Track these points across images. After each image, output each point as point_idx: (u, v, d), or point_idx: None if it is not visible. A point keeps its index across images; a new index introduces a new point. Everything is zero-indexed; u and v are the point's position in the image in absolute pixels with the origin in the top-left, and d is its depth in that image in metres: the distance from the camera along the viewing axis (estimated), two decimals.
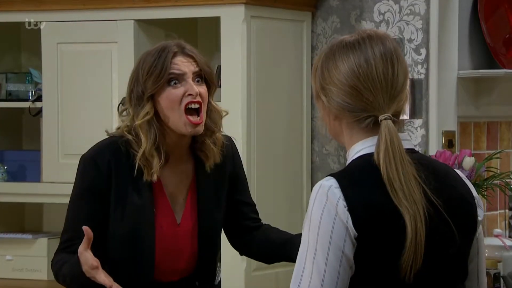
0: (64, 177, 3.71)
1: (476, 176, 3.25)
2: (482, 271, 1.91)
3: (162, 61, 2.39)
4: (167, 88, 2.39)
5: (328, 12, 3.84)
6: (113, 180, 2.40)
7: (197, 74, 2.42)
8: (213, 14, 3.58)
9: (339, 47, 1.85)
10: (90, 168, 2.42)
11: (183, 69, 2.40)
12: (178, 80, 2.40)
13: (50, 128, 3.75)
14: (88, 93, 3.70)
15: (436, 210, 1.80)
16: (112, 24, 3.66)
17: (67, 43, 3.72)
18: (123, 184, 2.40)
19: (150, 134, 2.39)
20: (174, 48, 2.42)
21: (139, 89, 2.41)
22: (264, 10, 3.62)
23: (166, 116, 2.40)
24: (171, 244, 2.43)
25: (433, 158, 2.15)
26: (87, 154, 2.46)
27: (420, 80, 3.69)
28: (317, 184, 1.81)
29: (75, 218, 2.41)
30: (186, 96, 2.39)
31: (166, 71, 2.38)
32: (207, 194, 2.47)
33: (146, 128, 2.39)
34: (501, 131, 4.07)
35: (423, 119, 3.69)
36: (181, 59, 2.42)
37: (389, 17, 3.74)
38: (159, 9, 3.63)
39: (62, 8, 3.71)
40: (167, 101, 2.39)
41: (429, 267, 1.79)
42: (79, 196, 2.43)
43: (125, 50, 3.64)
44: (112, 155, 2.41)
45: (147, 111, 2.39)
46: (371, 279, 1.78)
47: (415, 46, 3.70)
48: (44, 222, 4.10)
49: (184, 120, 2.38)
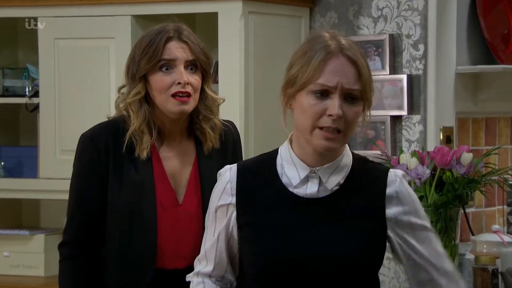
0: (61, 173, 3.71)
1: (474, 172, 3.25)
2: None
3: (156, 44, 2.41)
4: (158, 72, 2.41)
5: (326, 7, 3.83)
6: (111, 157, 2.41)
7: (190, 62, 2.43)
8: (211, 10, 3.57)
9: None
10: (87, 146, 2.44)
11: (175, 55, 2.41)
12: (169, 66, 2.41)
13: (47, 124, 3.74)
14: (85, 89, 3.69)
15: None
16: (110, 19, 3.65)
17: (64, 39, 3.71)
18: (121, 161, 2.42)
19: (140, 113, 2.41)
20: (170, 32, 2.43)
21: (134, 68, 2.44)
22: (262, 5, 3.61)
23: (154, 97, 2.42)
24: (173, 225, 2.42)
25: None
26: (85, 133, 2.48)
27: (418, 76, 3.69)
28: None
29: (78, 199, 2.44)
30: (175, 85, 2.40)
31: (158, 56, 2.40)
32: (210, 176, 2.44)
33: (137, 106, 2.42)
34: (499, 127, 4.07)
35: (421, 115, 3.68)
36: (175, 44, 2.42)
37: (387, 12, 3.73)
38: (157, 4, 3.62)
39: (59, 3, 3.70)
40: (157, 85, 2.41)
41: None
42: (78, 175, 2.45)
43: (122, 46, 3.63)
44: (110, 133, 2.43)
45: (138, 90, 2.42)
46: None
47: (413, 41, 3.69)
48: (41, 218, 4.09)
49: (171, 100, 2.40)
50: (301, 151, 2.06)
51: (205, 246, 2.15)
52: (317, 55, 2.01)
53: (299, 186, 2.05)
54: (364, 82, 2.02)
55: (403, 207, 2.07)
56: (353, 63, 2.01)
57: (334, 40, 2.03)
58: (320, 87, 2.00)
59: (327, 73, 2.00)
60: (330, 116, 1.99)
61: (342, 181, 2.05)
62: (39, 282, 3.82)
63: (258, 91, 3.60)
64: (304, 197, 2.04)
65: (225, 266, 2.13)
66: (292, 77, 2.05)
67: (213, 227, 2.13)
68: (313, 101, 2.01)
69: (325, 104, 2.00)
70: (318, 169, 2.04)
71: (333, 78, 2.00)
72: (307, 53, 2.03)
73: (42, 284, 3.80)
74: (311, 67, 2.01)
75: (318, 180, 2.04)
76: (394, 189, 2.07)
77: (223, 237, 2.12)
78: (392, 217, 2.06)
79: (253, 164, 2.14)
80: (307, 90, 2.02)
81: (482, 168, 3.31)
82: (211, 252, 2.13)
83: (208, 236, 2.15)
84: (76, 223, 2.45)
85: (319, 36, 2.05)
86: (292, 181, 2.05)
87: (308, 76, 2.01)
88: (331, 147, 2.02)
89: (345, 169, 2.06)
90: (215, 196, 2.14)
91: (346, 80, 2.00)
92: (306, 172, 2.04)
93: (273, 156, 2.11)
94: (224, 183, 2.12)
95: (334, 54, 2.01)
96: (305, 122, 2.02)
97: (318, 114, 2.00)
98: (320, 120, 2.00)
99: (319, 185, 2.04)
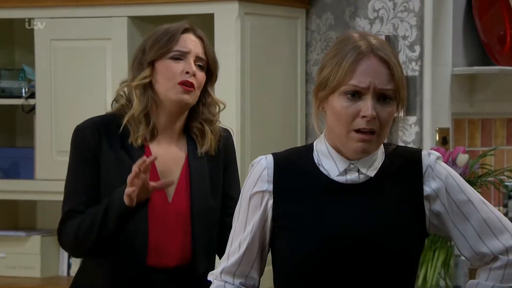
0: (58, 174, 3.69)
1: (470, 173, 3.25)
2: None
3: (171, 34, 2.42)
4: (168, 60, 2.42)
5: (322, 9, 3.84)
6: (104, 142, 2.42)
7: (199, 59, 2.44)
8: (207, 11, 3.57)
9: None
10: (79, 134, 2.45)
11: (189, 47, 2.43)
12: (180, 57, 2.42)
13: (44, 125, 3.74)
14: (82, 90, 3.69)
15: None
16: (106, 20, 3.65)
17: (60, 40, 3.71)
18: (113, 151, 2.42)
19: (143, 98, 2.42)
20: (187, 25, 2.46)
21: (143, 58, 2.44)
22: (258, 7, 3.61)
23: (158, 84, 2.42)
24: (162, 221, 2.41)
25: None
26: (79, 125, 2.49)
27: (414, 77, 3.69)
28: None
29: (72, 188, 2.44)
30: (183, 74, 2.41)
31: (172, 43, 2.41)
32: (200, 178, 2.46)
33: (141, 91, 2.42)
34: (495, 128, 4.07)
35: (417, 116, 3.68)
36: (190, 36, 2.44)
37: (383, 14, 3.74)
38: (153, 5, 3.62)
39: (56, 4, 3.70)
40: (165, 71, 2.42)
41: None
42: (73, 166, 2.46)
43: (118, 47, 3.63)
44: (103, 124, 2.44)
45: (145, 74, 2.43)
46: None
47: (409, 43, 3.70)
48: (38, 220, 4.09)
49: (177, 87, 2.40)
50: (338, 147, 2.04)
51: (238, 238, 2.05)
52: (348, 56, 1.98)
53: (339, 175, 2.03)
54: (397, 81, 1.99)
55: (439, 182, 2.05)
56: (385, 62, 1.99)
57: (364, 40, 2.01)
58: (353, 88, 1.98)
59: (359, 74, 1.98)
60: (364, 117, 1.97)
61: (379, 167, 2.05)
62: (36, 283, 3.81)
63: (254, 92, 3.61)
64: (345, 183, 2.02)
65: (253, 261, 2.07)
66: (324, 80, 2.01)
67: (245, 217, 2.05)
68: (346, 103, 1.98)
69: (358, 105, 1.98)
70: (356, 162, 2.03)
71: (365, 79, 1.97)
72: (338, 55, 2.00)
73: (39, 285, 3.80)
74: (342, 68, 1.98)
75: (357, 171, 2.03)
76: (429, 167, 2.06)
77: (257, 228, 2.04)
78: (431, 194, 2.05)
79: (289, 154, 2.10)
80: (339, 92, 1.99)
81: (478, 169, 3.31)
82: (244, 243, 2.05)
83: (238, 227, 2.06)
84: (75, 195, 2.43)
85: (349, 37, 2.03)
86: (331, 172, 2.03)
87: (339, 78, 1.98)
88: (366, 150, 1.99)
89: (380, 158, 2.05)
90: (250, 184, 2.05)
91: (378, 80, 1.98)
92: (345, 165, 2.03)
93: (309, 150, 2.08)
94: (260, 170, 2.04)
95: (365, 55, 1.99)
96: (339, 125, 2.00)
97: (351, 116, 1.98)
98: (354, 122, 1.98)
99: (358, 174, 2.03)
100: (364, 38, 2.02)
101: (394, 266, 2.01)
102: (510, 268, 2.05)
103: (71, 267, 3.86)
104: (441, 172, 2.07)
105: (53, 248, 3.89)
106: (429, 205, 2.06)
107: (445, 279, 3.24)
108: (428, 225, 2.07)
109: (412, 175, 2.05)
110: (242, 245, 2.06)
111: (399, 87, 2.01)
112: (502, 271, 2.05)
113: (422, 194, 2.05)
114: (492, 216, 2.07)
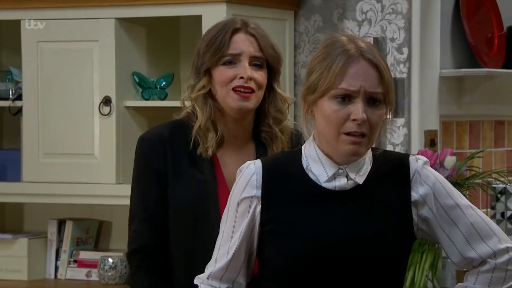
0: (45, 176, 3.69)
1: (458, 175, 3.25)
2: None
3: (222, 37, 2.33)
4: (221, 66, 2.33)
5: (310, 11, 3.83)
6: (169, 156, 2.33)
7: (256, 58, 2.34)
8: (195, 13, 3.56)
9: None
10: (142, 146, 2.37)
11: (241, 48, 2.33)
12: (233, 60, 2.33)
13: (31, 127, 3.72)
14: (69, 92, 3.67)
15: None
16: (93, 22, 3.64)
17: (47, 42, 3.69)
18: (182, 160, 2.33)
19: (206, 108, 2.33)
20: (238, 23, 2.35)
21: (199, 61, 2.36)
22: (246, 8, 3.60)
23: (216, 91, 2.34)
24: None
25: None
26: (143, 134, 2.41)
27: (402, 79, 3.69)
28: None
29: (138, 197, 2.35)
30: (237, 79, 2.32)
31: (223, 49, 2.32)
32: None
33: (202, 101, 2.34)
34: (483, 130, 4.08)
35: (405, 118, 3.69)
36: (241, 37, 2.35)
37: (371, 16, 3.74)
38: (141, 7, 3.61)
39: (43, 6, 3.68)
40: (219, 78, 2.33)
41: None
42: (137, 175, 2.37)
43: (106, 49, 3.61)
44: (169, 132, 2.35)
45: (203, 84, 2.35)
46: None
47: (397, 45, 3.70)
48: (25, 222, 4.07)
49: (232, 94, 2.31)
50: (327, 151, 2.04)
51: (226, 243, 2.06)
52: (338, 60, 1.98)
53: (327, 181, 2.03)
54: (386, 84, 2.00)
55: (427, 188, 2.05)
56: (374, 66, 1.99)
57: (352, 43, 2.01)
58: (343, 92, 1.98)
59: (349, 78, 1.98)
60: (354, 120, 1.97)
61: (367, 173, 2.04)
62: (22, 286, 3.79)
63: None
64: (334, 189, 2.02)
65: (240, 266, 2.07)
66: (313, 84, 2.01)
67: (233, 222, 2.05)
68: (336, 107, 1.98)
69: (349, 109, 1.98)
70: (345, 166, 2.03)
71: (355, 82, 1.98)
72: (327, 58, 2.00)
73: None
74: (332, 72, 1.98)
75: (345, 176, 2.03)
76: (416, 172, 2.05)
77: (245, 233, 2.04)
78: (419, 200, 2.05)
79: (277, 159, 2.11)
80: (329, 95, 1.99)
81: (465, 171, 3.31)
82: (231, 249, 2.05)
83: (226, 232, 2.06)
84: (139, 223, 2.35)
85: (337, 40, 2.03)
86: (320, 178, 2.03)
87: (329, 82, 1.98)
88: (357, 152, 1.99)
89: (368, 163, 2.05)
90: (238, 189, 2.05)
91: (368, 83, 1.98)
92: (334, 170, 2.02)
93: (297, 154, 2.08)
94: (248, 176, 2.05)
95: (355, 58, 1.99)
96: (329, 128, 1.99)
97: (342, 119, 1.98)
98: (345, 126, 1.98)
99: (347, 179, 2.03)
100: (352, 42, 2.02)
101: (381, 272, 2.01)
102: (498, 271, 2.05)
103: (58, 270, 3.85)
104: (428, 177, 2.07)
105: (40, 251, 3.87)
106: (417, 210, 2.05)
107: (432, 281, 3.24)
108: (416, 230, 2.07)
109: (399, 180, 2.06)
110: (230, 251, 2.06)
111: (389, 90, 2.01)
112: (490, 274, 2.06)
113: (409, 199, 2.05)
114: (479, 220, 2.07)
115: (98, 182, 3.61)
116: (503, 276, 2.05)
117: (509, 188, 3.66)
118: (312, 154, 2.04)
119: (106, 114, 3.60)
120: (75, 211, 3.89)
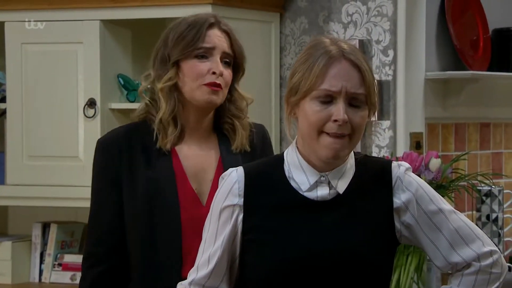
0: (29, 179, 3.67)
1: (443, 178, 3.25)
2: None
3: (196, 31, 2.32)
4: (192, 59, 2.32)
5: (296, 13, 3.83)
6: (124, 160, 2.31)
7: (227, 55, 2.34)
8: (180, 15, 3.50)
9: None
10: (98, 151, 2.36)
11: (215, 42, 2.32)
12: (206, 54, 2.32)
13: (15, 129, 3.70)
14: (53, 94, 3.66)
15: None
16: (78, 24, 3.62)
17: (31, 43, 3.67)
18: (136, 161, 2.32)
19: (170, 100, 2.32)
20: (211, 19, 2.35)
21: (166, 52, 2.34)
22: (231, 10, 3.60)
23: (183, 84, 2.32)
24: (196, 227, 2.23)
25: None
26: (100, 138, 2.40)
27: (388, 82, 3.69)
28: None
29: (95, 203, 2.35)
30: (209, 74, 2.31)
31: (198, 42, 2.31)
32: None
33: (167, 93, 2.32)
34: (468, 133, 4.08)
35: (391, 120, 3.69)
36: (216, 32, 2.34)
37: (357, 18, 3.74)
38: (126, 9, 3.60)
39: (27, 7, 3.67)
40: (190, 71, 2.32)
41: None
42: (93, 180, 2.36)
43: (90, 51, 3.60)
44: (125, 133, 2.34)
45: (170, 76, 2.32)
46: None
47: (383, 47, 3.70)
48: (9, 225, 4.05)
49: (203, 88, 2.30)
50: (309, 157, 2.03)
51: (207, 251, 2.04)
52: (319, 60, 1.98)
53: (309, 190, 2.02)
54: (368, 86, 1.99)
55: (409, 194, 2.04)
56: (356, 67, 1.98)
57: (335, 45, 2.00)
58: (324, 93, 1.97)
59: (331, 78, 1.97)
60: (335, 121, 1.96)
61: (350, 181, 2.03)
62: None
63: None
64: (315, 200, 2.01)
65: (223, 274, 2.05)
66: (295, 85, 2.01)
67: (215, 230, 2.04)
68: (317, 108, 1.97)
69: (330, 110, 1.97)
70: (327, 173, 2.02)
71: (337, 83, 1.97)
72: (309, 59, 2.00)
73: None
74: (313, 73, 1.97)
75: (327, 184, 2.02)
76: (398, 179, 2.05)
77: (227, 242, 2.03)
78: (401, 207, 2.04)
79: (260, 166, 2.09)
80: (310, 96, 1.98)
81: (451, 174, 3.31)
82: (214, 257, 2.04)
83: (208, 240, 2.05)
84: (94, 228, 2.35)
85: (320, 42, 2.02)
86: (302, 186, 2.02)
87: (311, 82, 1.97)
88: (338, 153, 1.98)
89: (351, 169, 2.04)
90: (220, 197, 2.04)
91: (350, 84, 1.97)
92: (316, 177, 2.01)
93: (279, 161, 2.07)
94: (230, 184, 2.04)
95: (336, 59, 1.98)
96: (310, 129, 1.98)
97: (323, 120, 1.97)
98: (325, 126, 1.97)
99: (329, 188, 2.02)
100: (335, 43, 2.01)
101: (363, 283, 2.00)
102: (482, 274, 2.05)
103: (42, 273, 3.83)
104: (410, 183, 2.06)
105: (24, 254, 3.85)
106: (399, 217, 2.05)
107: (418, 283, 3.24)
108: (399, 237, 2.06)
109: (381, 188, 2.05)
110: (212, 259, 2.05)
111: (370, 92, 2.00)
112: (474, 276, 2.05)
113: (392, 206, 2.04)
114: (463, 225, 2.07)
115: (82, 185, 3.59)
116: (487, 279, 2.05)
117: (494, 190, 3.67)
118: (294, 160, 2.03)
119: (91, 117, 3.59)
120: (60, 214, 3.87)
